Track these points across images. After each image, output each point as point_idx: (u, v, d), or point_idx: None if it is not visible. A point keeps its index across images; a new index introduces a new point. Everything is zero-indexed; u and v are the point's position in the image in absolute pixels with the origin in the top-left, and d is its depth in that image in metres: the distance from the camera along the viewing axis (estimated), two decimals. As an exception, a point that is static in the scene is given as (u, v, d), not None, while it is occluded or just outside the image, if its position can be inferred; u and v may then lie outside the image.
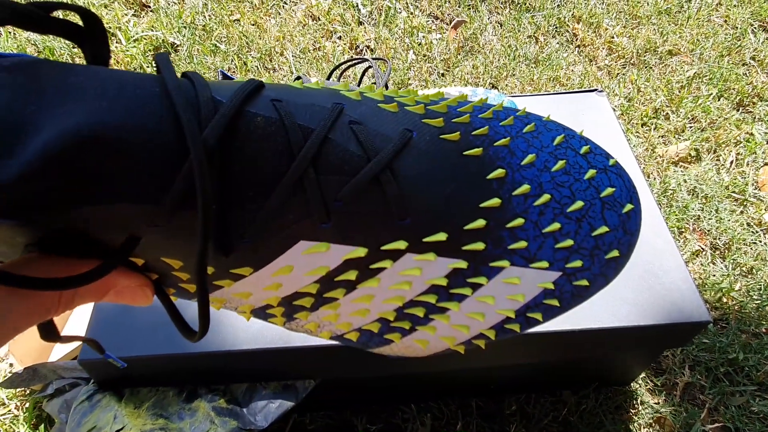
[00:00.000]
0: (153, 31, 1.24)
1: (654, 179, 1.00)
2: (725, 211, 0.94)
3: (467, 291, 0.23)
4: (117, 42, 1.22)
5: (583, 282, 0.23)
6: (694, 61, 1.20)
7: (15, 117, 0.16)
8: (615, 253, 0.24)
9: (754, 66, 1.19)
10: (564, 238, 0.23)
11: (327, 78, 0.79)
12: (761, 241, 0.91)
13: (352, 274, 0.22)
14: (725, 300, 0.84)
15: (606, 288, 0.34)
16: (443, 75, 1.19)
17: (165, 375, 0.56)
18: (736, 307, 0.83)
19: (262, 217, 0.20)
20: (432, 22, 1.30)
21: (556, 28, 1.28)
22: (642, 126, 1.09)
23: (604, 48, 1.24)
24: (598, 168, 0.24)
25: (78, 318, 0.78)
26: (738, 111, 1.11)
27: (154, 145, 0.18)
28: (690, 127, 1.08)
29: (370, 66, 0.74)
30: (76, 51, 1.21)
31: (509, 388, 0.73)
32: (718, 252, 0.90)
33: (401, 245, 0.21)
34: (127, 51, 1.19)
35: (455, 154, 0.22)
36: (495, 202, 0.22)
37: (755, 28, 1.28)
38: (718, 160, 1.03)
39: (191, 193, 0.18)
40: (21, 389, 0.74)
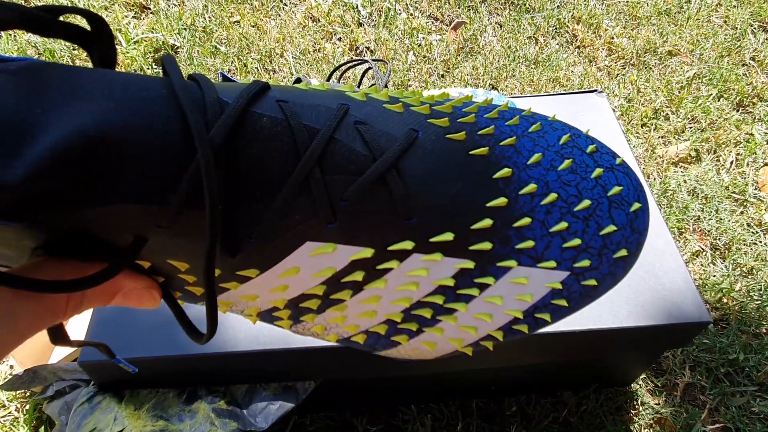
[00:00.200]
0: (153, 33, 1.24)
1: (654, 180, 1.00)
2: (725, 212, 0.94)
3: (474, 291, 0.23)
4: (117, 44, 1.22)
5: (592, 282, 0.23)
6: (693, 62, 1.21)
7: (22, 118, 0.16)
8: (623, 252, 0.23)
9: (753, 66, 1.19)
10: (571, 237, 0.23)
11: (327, 79, 0.79)
12: (761, 242, 0.91)
13: (358, 275, 0.22)
14: (725, 300, 0.84)
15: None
16: (443, 76, 1.19)
17: (165, 376, 0.56)
18: (736, 308, 0.83)
19: (268, 217, 0.20)
20: (432, 23, 1.31)
21: (555, 29, 1.28)
22: (642, 126, 1.09)
23: (603, 49, 1.24)
24: (604, 167, 0.24)
25: (77, 319, 0.78)
26: (738, 111, 1.11)
27: (160, 146, 0.18)
28: (690, 128, 1.08)
29: (370, 67, 0.74)
30: (76, 53, 1.21)
31: (509, 389, 0.73)
32: (718, 252, 0.90)
33: (408, 245, 0.21)
34: (128, 53, 1.19)
35: (461, 153, 0.22)
36: (501, 201, 0.22)
37: (755, 28, 1.28)
38: (718, 160, 1.03)
39: (198, 194, 0.18)
40: (21, 391, 0.74)
